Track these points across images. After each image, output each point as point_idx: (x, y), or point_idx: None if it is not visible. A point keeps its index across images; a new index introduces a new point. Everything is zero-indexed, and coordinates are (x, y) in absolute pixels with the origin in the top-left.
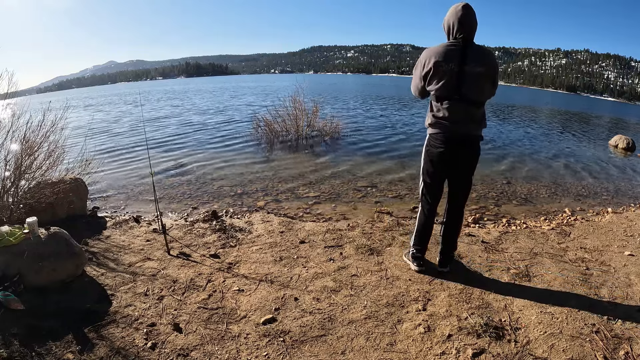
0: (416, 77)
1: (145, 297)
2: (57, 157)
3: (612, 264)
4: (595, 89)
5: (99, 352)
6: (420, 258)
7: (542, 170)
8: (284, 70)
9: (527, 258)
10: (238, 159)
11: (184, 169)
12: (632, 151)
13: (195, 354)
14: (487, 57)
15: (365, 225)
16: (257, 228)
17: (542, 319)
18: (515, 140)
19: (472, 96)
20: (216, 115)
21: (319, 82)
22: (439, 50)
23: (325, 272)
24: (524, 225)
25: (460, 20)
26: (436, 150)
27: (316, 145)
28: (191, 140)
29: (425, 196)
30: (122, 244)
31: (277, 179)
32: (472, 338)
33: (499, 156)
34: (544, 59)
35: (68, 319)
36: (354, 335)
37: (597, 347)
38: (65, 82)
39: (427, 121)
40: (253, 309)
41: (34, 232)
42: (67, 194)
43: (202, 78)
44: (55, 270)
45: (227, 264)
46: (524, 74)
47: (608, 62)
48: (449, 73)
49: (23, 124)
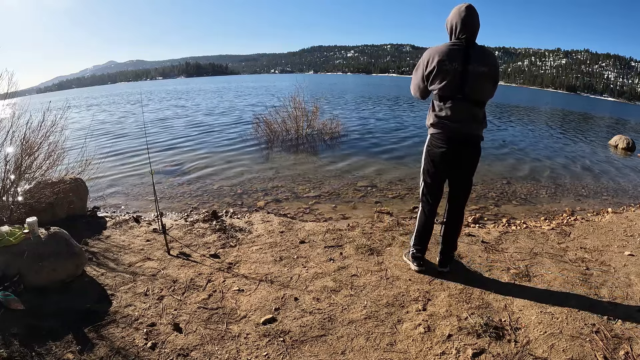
0: (417, 77)
1: (145, 297)
2: (57, 157)
3: (612, 264)
4: (595, 89)
5: (99, 352)
6: (421, 258)
7: (542, 170)
8: (284, 70)
9: (527, 258)
10: (238, 159)
11: (184, 169)
12: (632, 151)
13: (195, 354)
14: (489, 58)
15: (365, 225)
16: (257, 228)
17: (542, 319)
18: (515, 140)
19: (475, 96)
20: (221, 115)
21: (319, 82)
22: (442, 50)
23: (325, 272)
24: (524, 225)
25: (463, 21)
26: (438, 150)
27: (316, 145)
28: (191, 140)
29: (426, 196)
30: (122, 244)
31: (277, 179)
32: (472, 338)
33: (499, 156)
34: (544, 59)
35: (68, 319)
36: (354, 335)
37: (597, 347)
38: (65, 82)
39: (428, 121)
40: (253, 309)
41: (34, 232)
42: (67, 194)
43: (203, 78)
44: (55, 270)
45: (227, 264)
46: (524, 74)
47: (608, 62)
48: (453, 72)
49: (23, 123)
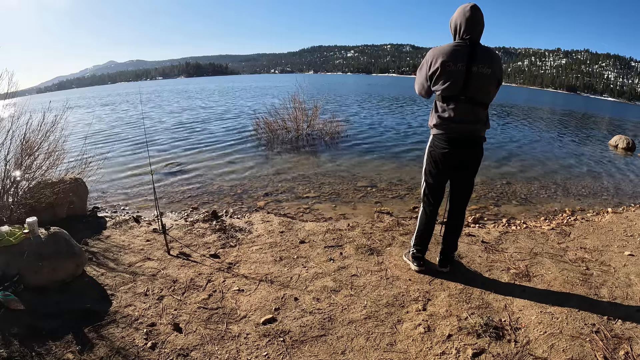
0: (422, 76)
1: (145, 297)
2: (57, 157)
3: (612, 264)
4: (595, 89)
5: (99, 352)
6: (421, 258)
7: (542, 170)
8: (284, 70)
9: (527, 258)
10: (238, 159)
11: (184, 168)
12: (632, 151)
13: (195, 354)
14: (493, 59)
15: (365, 225)
16: (257, 228)
17: (542, 319)
18: (515, 140)
19: (479, 97)
20: (221, 116)
21: (319, 82)
22: (446, 50)
23: (325, 272)
24: (524, 225)
25: (467, 21)
26: (440, 151)
27: (316, 145)
28: (192, 140)
29: (427, 197)
30: (122, 244)
31: (277, 179)
32: (472, 338)
33: (499, 156)
34: (544, 59)
35: (68, 319)
36: (354, 335)
37: (597, 347)
38: (66, 82)
39: (431, 122)
40: (253, 309)
41: (34, 232)
42: (67, 194)
43: (203, 78)
44: (55, 270)
45: (227, 264)
46: (524, 74)
47: (608, 62)
48: (457, 73)
49: (23, 123)
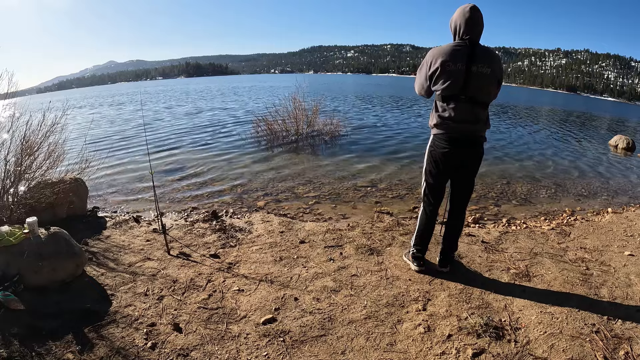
0: (422, 76)
1: (145, 297)
2: (57, 157)
3: (612, 264)
4: (595, 89)
5: (99, 352)
6: (421, 258)
7: (542, 170)
8: (284, 70)
9: (527, 258)
10: (238, 159)
11: (184, 168)
12: (632, 151)
13: (195, 354)
14: (493, 59)
15: (365, 225)
16: (257, 228)
17: (542, 319)
18: (515, 140)
19: (479, 97)
20: (222, 115)
21: (319, 82)
22: (446, 50)
23: (325, 272)
24: (524, 225)
25: (467, 22)
26: (441, 151)
27: (316, 145)
28: (192, 140)
29: (428, 197)
30: (122, 244)
31: (277, 179)
32: (472, 338)
33: (499, 156)
34: (544, 59)
35: (68, 319)
36: (354, 335)
37: (597, 347)
38: (66, 82)
39: (431, 122)
40: (253, 309)
41: (34, 232)
42: (67, 194)
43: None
44: (55, 270)
45: (227, 264)
46: (524, 74)
47: (608, 62)
48: (456, 73)
49: (23, 123)
